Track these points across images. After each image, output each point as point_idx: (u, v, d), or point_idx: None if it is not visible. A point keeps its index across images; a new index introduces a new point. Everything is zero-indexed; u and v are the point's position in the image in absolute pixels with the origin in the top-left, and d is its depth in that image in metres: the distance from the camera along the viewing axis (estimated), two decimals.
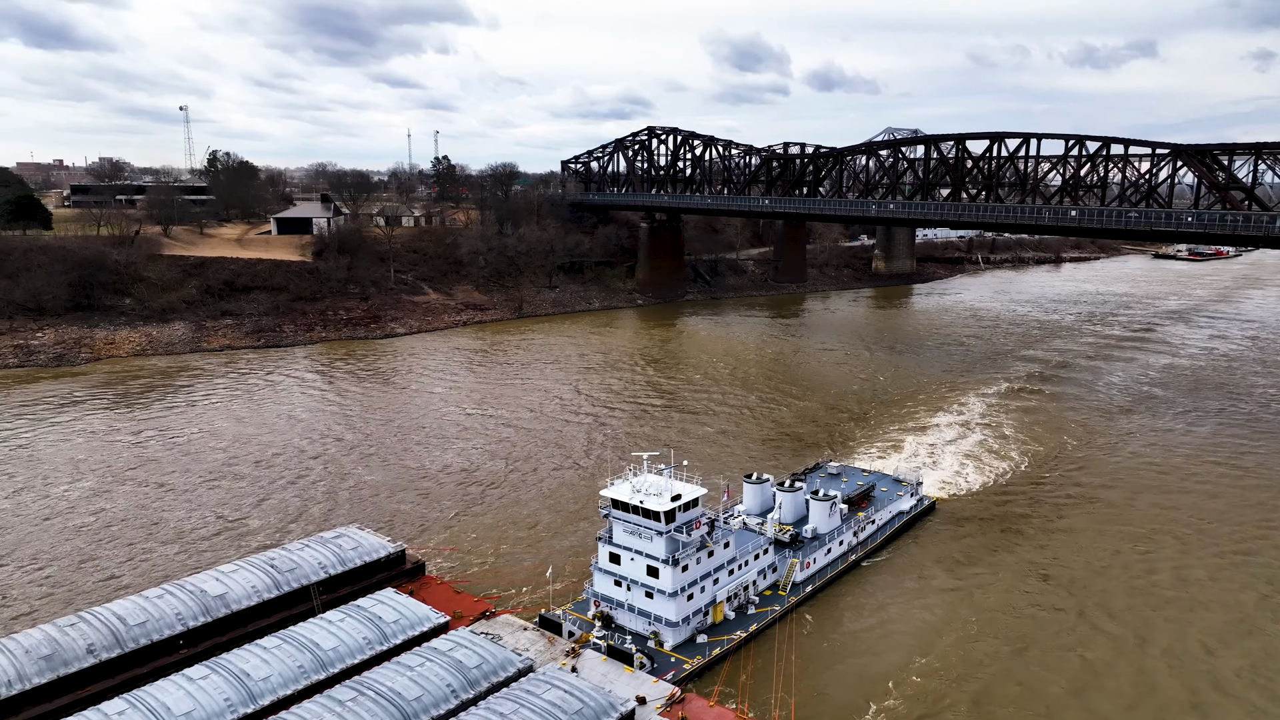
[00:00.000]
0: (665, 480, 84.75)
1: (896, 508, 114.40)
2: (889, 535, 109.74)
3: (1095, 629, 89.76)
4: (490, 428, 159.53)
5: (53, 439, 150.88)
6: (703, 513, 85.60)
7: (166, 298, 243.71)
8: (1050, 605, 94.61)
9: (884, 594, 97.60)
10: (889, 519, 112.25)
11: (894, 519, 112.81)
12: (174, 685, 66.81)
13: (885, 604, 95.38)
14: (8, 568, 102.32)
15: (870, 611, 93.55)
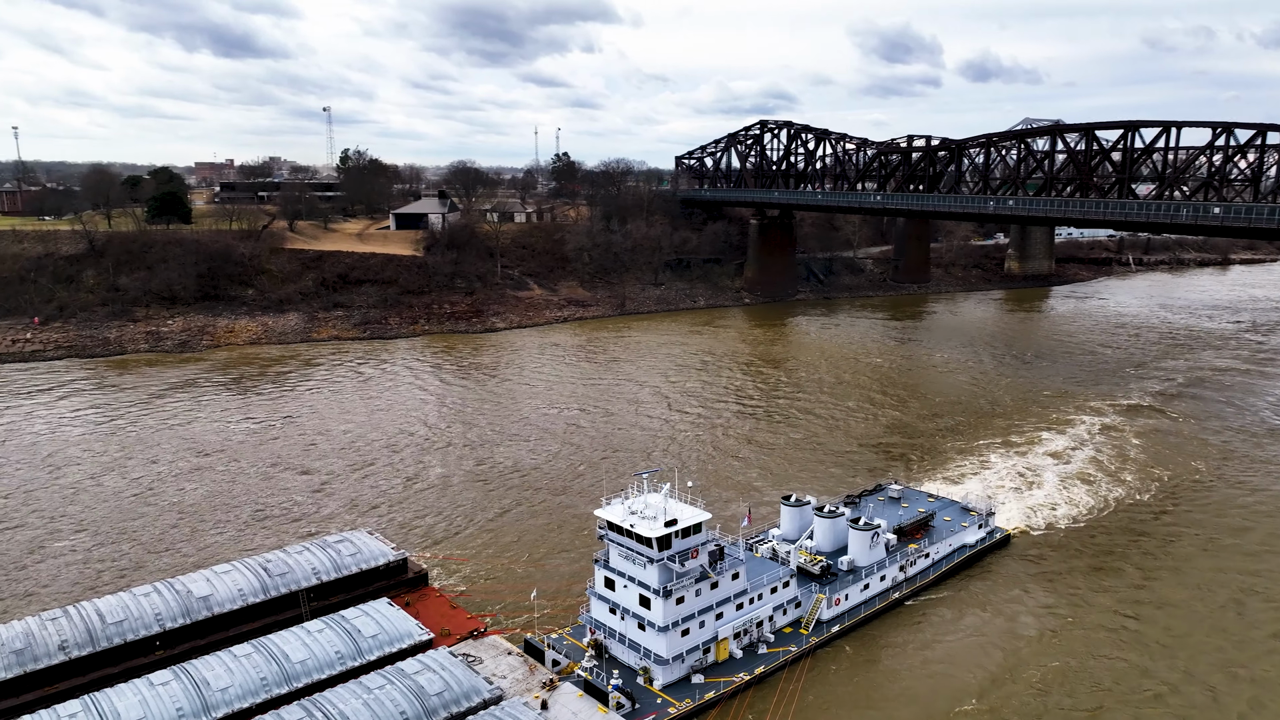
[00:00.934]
0: (665, 502, 78.22)
1: (960, 540, 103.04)
2: (947, 570, 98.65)
3: (1189, 701, 76.48)
4: (567, 427, 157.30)
5: (159, 420, 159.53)
6: (707, 539, 78.52)
7: (285, 289, 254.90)
8: (1138, 664, 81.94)
9: (931, 632, 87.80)
10: (948, 553, 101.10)
11: (955, 553, 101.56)
12: (132, 690, 66.46)
13: (931, 642, 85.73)
14: (84, 535, 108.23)
15: (912, 651, 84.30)
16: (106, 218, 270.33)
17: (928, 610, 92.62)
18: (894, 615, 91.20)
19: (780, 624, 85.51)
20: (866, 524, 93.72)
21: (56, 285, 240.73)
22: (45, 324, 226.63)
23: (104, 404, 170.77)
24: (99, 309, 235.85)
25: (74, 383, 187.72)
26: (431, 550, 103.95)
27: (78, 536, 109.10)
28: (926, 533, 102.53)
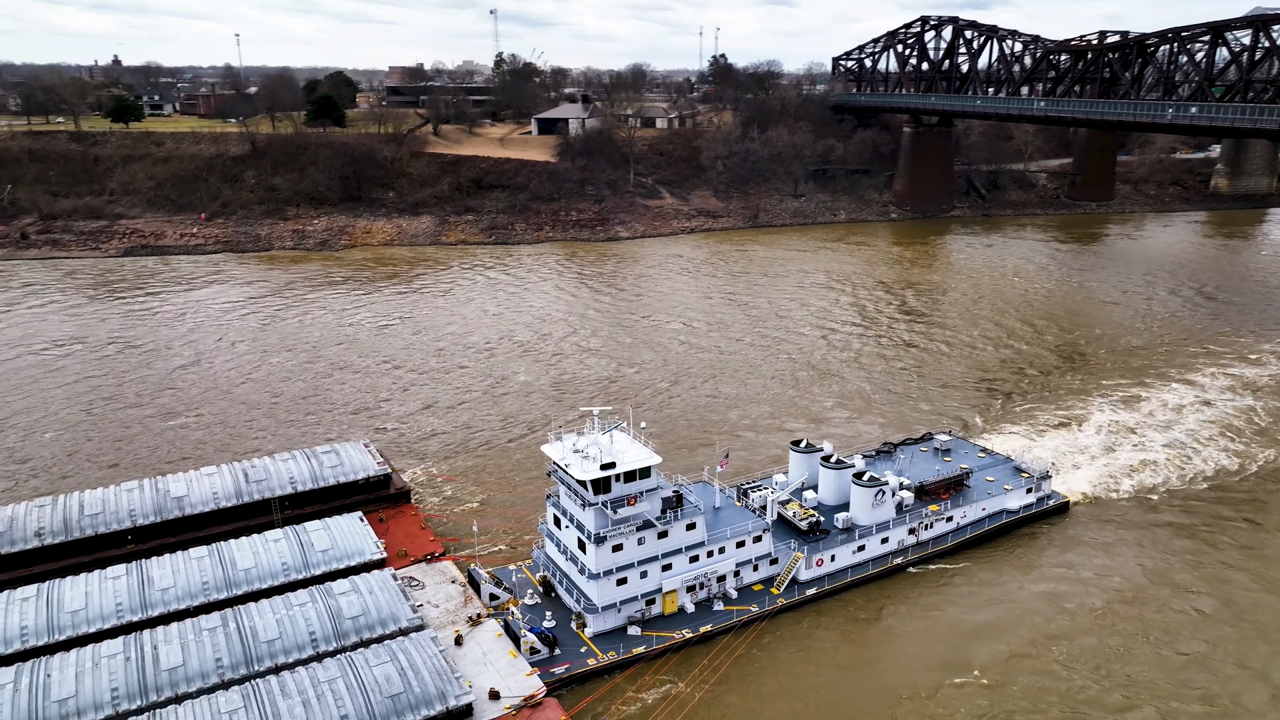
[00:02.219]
0: (613, 443, 73.31)
1: (1000, 504, 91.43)
2: (976, 536, 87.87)
3: (1250, 709, 65.11)
4: (667, 341, 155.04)
5: (286, 314, 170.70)
6: (655, 486, 73.07)
7: (421, 193, 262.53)
8: (1199, 655, 71.54)
9: (935, 602, 79.80)
10: (980, 517, 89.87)
11: (990, 518, 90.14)
12: (85, 581, 71.22)
13: (929, 612, 78.05)
14: (194, 417, 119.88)
15: (901, 619, 76.91)
16: (271, 121, 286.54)
17: (939, 579, 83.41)
18: (897, 582, 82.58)
19: (749, 580, 79.45)
20: (872, 479, 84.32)
21: (223, 184, 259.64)
22: (210, 220, 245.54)
23: (245, 297, 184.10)
24: (256, 207, 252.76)
25: (226, 275, 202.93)
26: (449, 465, 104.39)
27: (188, 417, 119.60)
28: (957, 493, 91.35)
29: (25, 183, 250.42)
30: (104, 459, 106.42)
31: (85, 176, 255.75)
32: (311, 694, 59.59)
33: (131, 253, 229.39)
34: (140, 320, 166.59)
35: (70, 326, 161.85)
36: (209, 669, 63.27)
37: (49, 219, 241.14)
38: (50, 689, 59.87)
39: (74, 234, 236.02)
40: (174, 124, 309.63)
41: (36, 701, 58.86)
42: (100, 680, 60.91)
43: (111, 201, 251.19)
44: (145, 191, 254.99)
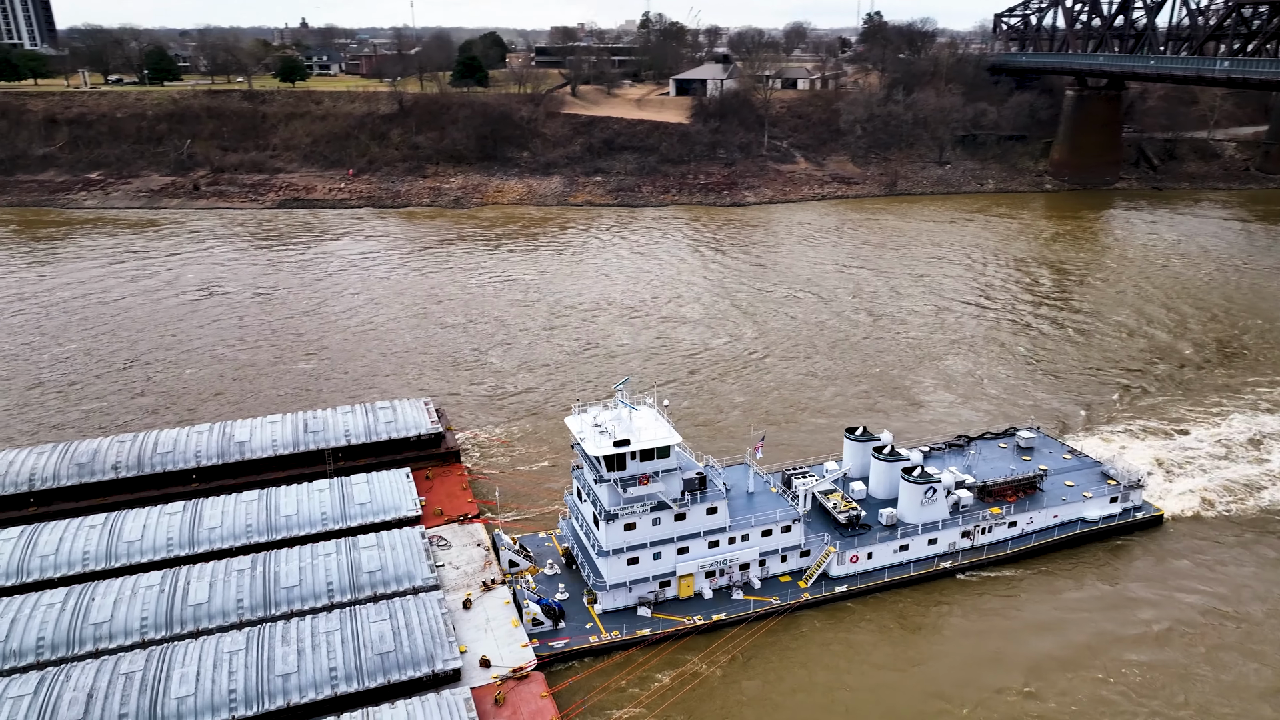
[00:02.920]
0: (633, 419, 71.57)
1: (1077, 512, 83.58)
2: (1043, 545, 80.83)
3: None
4: (772, 311, 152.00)
5: (413, 267, 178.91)
6: (673, 467, 71.14)
7: (553, 153, 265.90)
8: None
9: (981, 611, 74.43)
10: (1050, 524, 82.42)
11: (1062, 526, 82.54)
12: (144, 515, 76.95)
13: (985, 616, 72.19)
14: (302, 363, 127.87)
15: (950, 624, 71.81)
16: (420, 81, 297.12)
17: (999, 587, 77.34)
18: (949, 587, 77.12)
19: (776, 571, 76.36)
20: (924, 474, 78.71)
21: (371, 142, 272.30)
22: (357, 176, 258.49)
23: (379, 250, 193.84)
24: (399, 164, 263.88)
25: (365, 229, 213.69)
26: (525, 425, 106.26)
27: (307, 361, 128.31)
28: (1027, 497, 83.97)
29: (202, 138, 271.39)
30: (226, 395, 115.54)
31: (253, 133, 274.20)
32: (309, 643, 62.23)
33: (284, 205, 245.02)
34: (282, 269, 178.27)
35: (222, 272, 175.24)
36: (230, 608, 67.28)
37: (218, 172, 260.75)
38: (89, 613, 65.43)
39: (237, 186, 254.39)
40: (335, 83, 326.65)
41: (76, 623, 64.49)
42: (134, 609, 65.98)
43: (273, 156, 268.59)
44: (303, 148, 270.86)
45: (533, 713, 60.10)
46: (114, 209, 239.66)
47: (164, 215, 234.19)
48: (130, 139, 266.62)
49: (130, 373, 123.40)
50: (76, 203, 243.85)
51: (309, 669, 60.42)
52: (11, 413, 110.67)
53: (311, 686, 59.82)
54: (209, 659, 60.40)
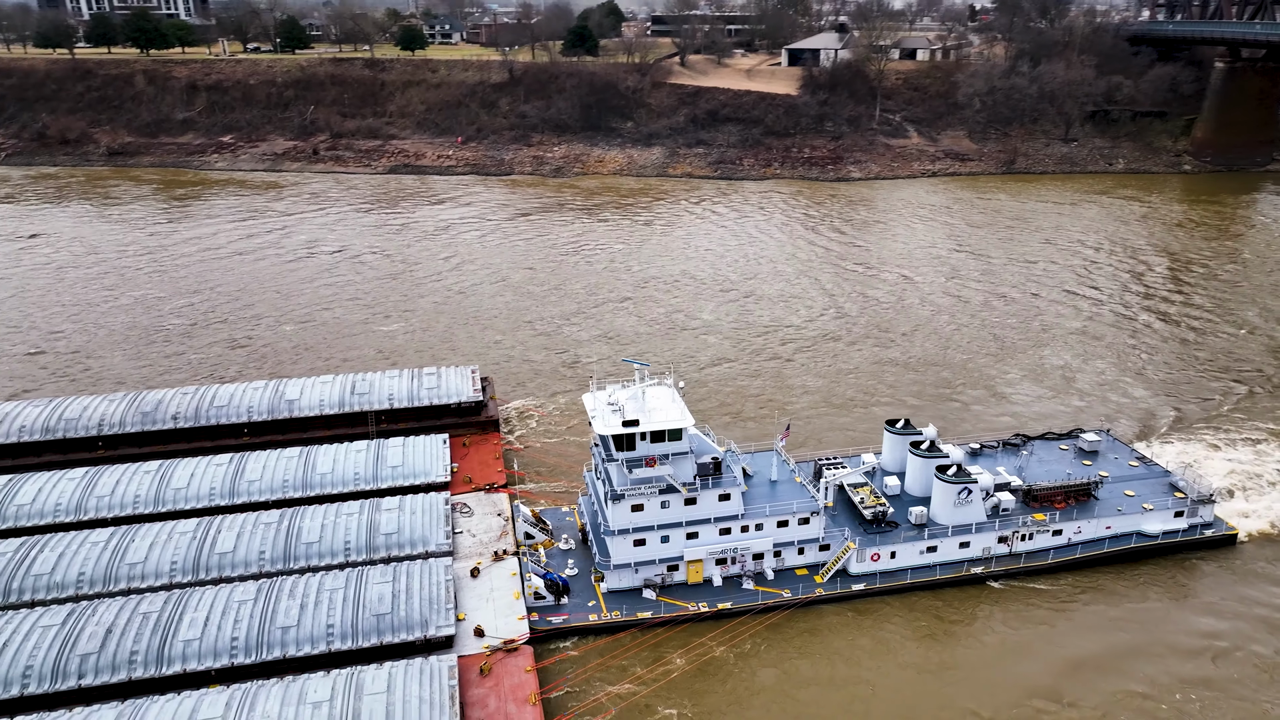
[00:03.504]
0: (646, 399, 70.51)
1: (1134, 524, 77.63)
2: (1091, 557, 75.57)
3: None
4: (850, 292, 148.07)
5: (510, 231, 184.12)
6: (685, 450, 69.82)
7: (657, 124, 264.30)
8: None
9: (1030, 614, 70.65)
10: (1102, 536, 76.74)
11: (1116, 539, 76.78)
12: (193, 465, 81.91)
13: (1024, 625, 69.19)
14: (398, 323, 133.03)
15: (986, 629, 69.07)
16: (532, 50, 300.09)
17: (1028, 597, 72.97)
18: (973, 593, 73.12)
19: (792, 563, 74.19)
20: (959, 473, 74.47)
21: (481, 110, 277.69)
22: (465, 143, 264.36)
23: (479, 216, 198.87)
24: (505, 133, 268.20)
25: (468, 195, 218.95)
26: (574, 398, 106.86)
27: (394, 322, 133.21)
28: (1078, 504, 78.23)
29: (325, 104, 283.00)
30: (315, 351, 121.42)
31: (371, 100, 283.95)
32: (312, 599, 64.72)
33: (395, 171, 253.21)
34: (386, 232, 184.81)
35: (331, 233, 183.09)
36: (252, 559, 70.72)
37: (337, 137, 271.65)
38: (126, 553, 70.13)
39: (353, 151, 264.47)
40: (453, 52, 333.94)
41: (114, 563, 69.41)
42: (165, 554, 70.35)
43: (388, 123, 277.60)
44: (416, 115, 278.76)
45: (514, 686, 60.67)
46: (241, 170, 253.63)
47: (285, 178, 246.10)
48: (260, 104, 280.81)
49: (235, 325, 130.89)
50: (209, 164, 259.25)
51: (308, 624, 62.87)
52: (131, 356, 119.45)
53: (308, 641, 62.27)
54: (219, 606, 63.69)
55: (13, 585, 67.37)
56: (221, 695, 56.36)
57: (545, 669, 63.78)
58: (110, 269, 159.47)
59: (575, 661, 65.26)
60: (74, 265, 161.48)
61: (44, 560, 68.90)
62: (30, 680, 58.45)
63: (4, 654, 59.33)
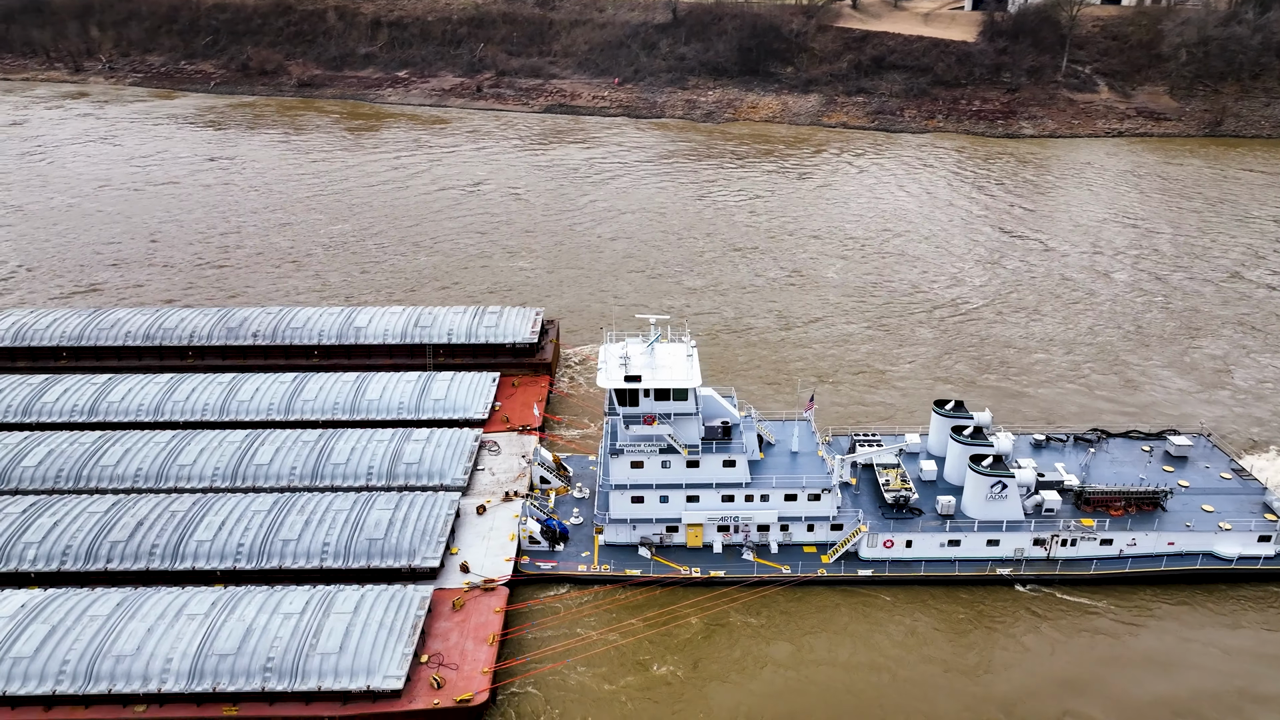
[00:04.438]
0: (660, 356, 69.20)
1: (1204, 544, 68.81)
2: (1145, 574, 67.76)
3: None
4: (998, 256, 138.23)
5: (639, 177, 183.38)
6: (694, 410, 67.76)
7: (818, 69, 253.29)
8: None
9: (1074, 624, 65.26)
10: (1162, 553, 68.37)
11: (1179, 558, 68.29)
12: (259, 380, 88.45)
13: (1066, 634, 64.20)
14: (527, 260, 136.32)
15: (1014, 633, 64.32)
16: None
17: (1058, 607, 66.46)
18: (995, 595, 67.50)
19: (800, 539, 70.97)
20: (995, 465, 68.13)
21: (641, 51, 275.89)
22: (621, 85, 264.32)
23: (626, 159, 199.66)
24: (662, 75, 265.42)
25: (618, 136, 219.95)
26: None
27: (520, 258, 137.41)
28: (1140, 513, 69.73)
29: (494, 42, 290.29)
30: (440, 282, 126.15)
31: (538, 38, 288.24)
32: (317, 517, 68.66)
33: (550, 110, 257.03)
34: (535, 171, 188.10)
35: (483, 169, 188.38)
36: (284, 474, 75.81)
37: (501, 75, 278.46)
38: (180, 455, 77.16)
39: (514, 90, 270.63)
40: None
41: (169, 463, 76.61)
42: (211, 460, 76.74)
43: (551, 63, 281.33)
44: (579, 55, 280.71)
45: (479, 624, 62.07)
46: (410, 105, 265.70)
47: (449, 113, 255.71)
48: (435, 41, 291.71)
49: (372, 251, 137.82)
50: (383, 98, 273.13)
51: (307, 540, 66.83)
52: (274, 276, 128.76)
53: (304, 555, 66.27)
54: (236, 513, 68.85)
55: (83, 473, 75.71)
56: (210, 595, 61.23)
57: (519, 612, 64.80)
58: (276, 193, 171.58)
59: (550, 609, 65.87)
60: (250, 187, 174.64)
61: (110, 454, 76.86)
62: (68, 559, 65.82)
63: (54, 532, 67.01)
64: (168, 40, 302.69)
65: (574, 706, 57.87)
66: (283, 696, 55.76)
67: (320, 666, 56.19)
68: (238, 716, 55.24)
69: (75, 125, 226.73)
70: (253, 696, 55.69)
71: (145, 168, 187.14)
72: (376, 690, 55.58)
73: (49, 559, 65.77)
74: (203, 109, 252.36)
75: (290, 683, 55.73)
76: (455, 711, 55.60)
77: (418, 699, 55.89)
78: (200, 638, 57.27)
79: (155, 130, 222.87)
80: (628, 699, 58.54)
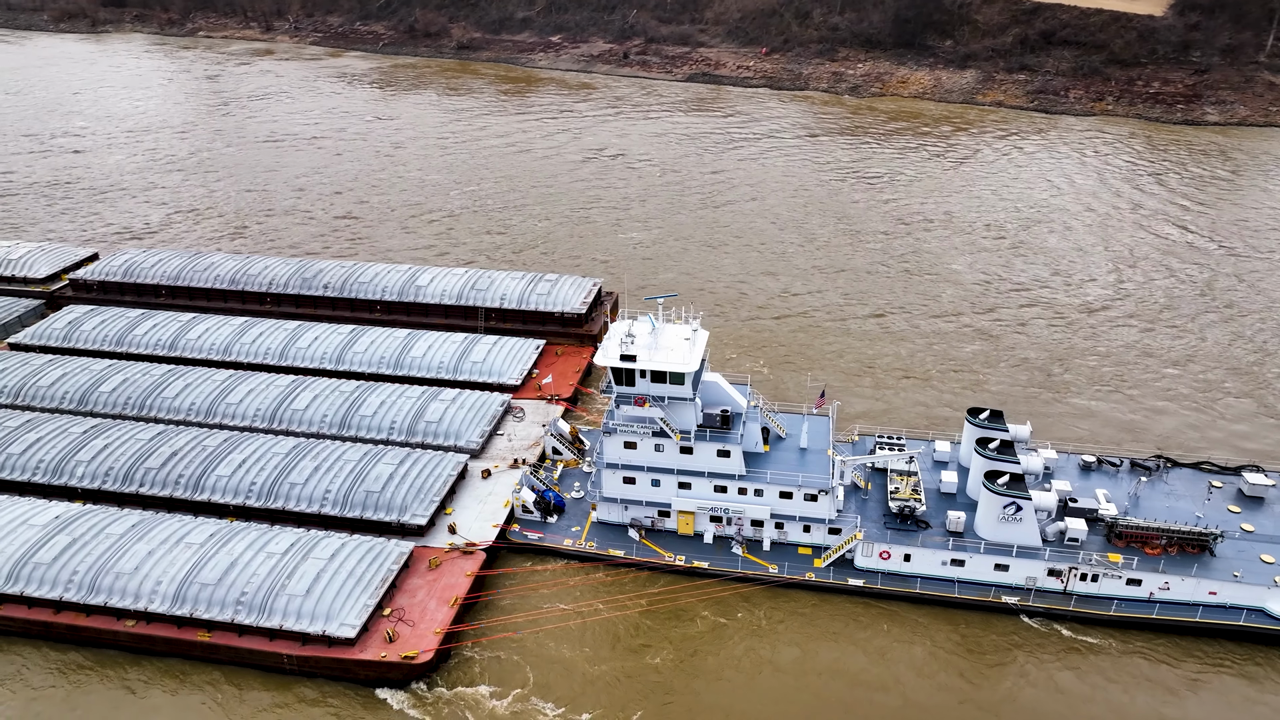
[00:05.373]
0: (663, 338, 67.48)
1: (1252, 598, 60.84)
2: (1171, 623, 60.44)
3: None
4: (1135, 258, 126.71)
5: (786, 151, 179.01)
6: (691, 396, 65.75)
7: (980, 44, 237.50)
8: None
9: (1080, 666, 59.59)
10: (1199, 602, 60.60)
11: (1218, 610, 60.41)
12: (318, 330, 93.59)
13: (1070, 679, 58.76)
14: (642, 232, 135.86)
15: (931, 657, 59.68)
16: None
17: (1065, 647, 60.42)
18: (997, 625, 62.25)
19: (796, 539, 67.76)
20: (1012, 484, 62.27)
21: (793, 20, 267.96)
22: (768, 54, 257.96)
23: (765, 132, 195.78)
24: (812, 45, 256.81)
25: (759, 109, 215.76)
26: (759, 324, 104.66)
27: (637, 229, 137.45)
28: (1181, 555, 61.83)
29: (647, 8, 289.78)
30: (556, 247, 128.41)
31: (690, 5, 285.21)
32: (325, 465, 72.07)
33: (693, 79, 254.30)
34: (668, 140, 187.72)
35: (616, 137, 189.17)
36: (316, 420, 79.98)
37: (649, 41, 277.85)
38: (229, 395, 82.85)
39: (660, 57, 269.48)
40: None
41: (219, 401, 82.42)
42: (254, 402, 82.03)
43: (701, 30, 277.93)
44: (729, 23, 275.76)
45: (448, 585, 63.37)
46: (559, 70, 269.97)
47: (596, 79, 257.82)
48: (590, 7, 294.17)
49: (503, 215, 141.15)
50: (534, 62, 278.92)
51: (312, 485, 70.24)
52: (410, 228, 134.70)
53: (305, 500, 69.74)
54: (257, 454, 73.30)
55: (146, 402, 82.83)
56: (210, 527, 65.70)
57: (491, 578, 65.55)
58: (422, 152, 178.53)
59: (523, 578, 66.33)
60: (400, 146, 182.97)
61: (172, 387, 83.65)
62: (109, 479, 72.39)
63: (102, 454, 73.81)
64: (347, 2, 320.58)
65: (514, 676, 58.18)
66: (249, 630, 59.17)
67: (286, 607, 59.20)
68: (209, 642, 59.15)
69: (257, 81, 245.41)
70: (224, 626, 59.45)
71: (312, 123, 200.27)
72: (331, 636, 57.99)
73: (93, 478, 72.55)
74: (369, 69, 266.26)
75: (257, 618, 59.08)
76: (400, 667, 57.17)
77: (368, 650, 57.88)
78: (190, 566, 61.65)
79: (327, 87, 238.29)
80: (579, 675, 58.27)
